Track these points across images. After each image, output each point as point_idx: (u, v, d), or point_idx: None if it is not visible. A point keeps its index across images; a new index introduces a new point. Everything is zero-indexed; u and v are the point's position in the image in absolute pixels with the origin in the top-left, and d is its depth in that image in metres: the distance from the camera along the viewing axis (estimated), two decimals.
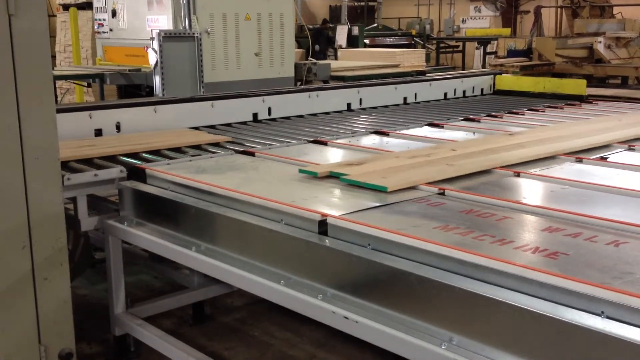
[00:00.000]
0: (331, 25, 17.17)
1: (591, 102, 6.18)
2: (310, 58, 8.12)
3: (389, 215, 2.58)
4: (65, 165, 3.37)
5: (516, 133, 4.27)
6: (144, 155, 3.77)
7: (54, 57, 10.62)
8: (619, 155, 3.70)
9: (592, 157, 3.61)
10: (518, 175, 3.22)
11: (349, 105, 5.78)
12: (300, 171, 3.22)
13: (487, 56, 16.64)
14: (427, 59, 14.92)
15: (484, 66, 16.05)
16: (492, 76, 7.13)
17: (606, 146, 3.90)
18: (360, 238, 2.35)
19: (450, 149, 3.68)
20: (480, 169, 3.25)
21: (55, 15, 11.20)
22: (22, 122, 2.70)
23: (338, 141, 4.13)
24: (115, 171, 3.37)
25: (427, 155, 3.51)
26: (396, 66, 9.85)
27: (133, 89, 7.21)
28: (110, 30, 7.78)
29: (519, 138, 4.04)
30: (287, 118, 5.26)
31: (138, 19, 7.29)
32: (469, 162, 3.36)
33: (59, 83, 9.94)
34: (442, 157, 3.47)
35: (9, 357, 2.74)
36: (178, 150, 3.93)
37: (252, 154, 3.75)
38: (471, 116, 5.21)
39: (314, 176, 3.14)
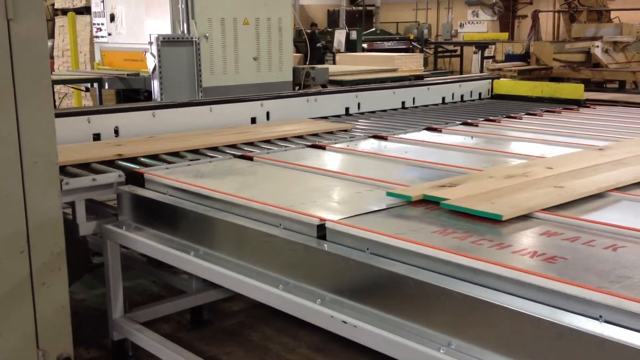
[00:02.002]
0: (319, 28, 17.15)
1: (589, 107, 6.19)
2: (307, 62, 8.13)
3: (387, 220, 2.58)
4: (63, 170, 3.37)
5: (606, 147, 3.92)
6: (142, 159, 3.77)
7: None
8: None
9: None
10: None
11: (347, 109, 5.78)
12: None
13: (485, 60, 16.71)
14: (425, 64, 14.97)
15: (481, 70, 16.11)
16: (490, 80, 7.13)
17: None
18: (358, 242, 2.35)
19: (546, 167, 3.36)
20: (596, 192, 2.91)
21: (54, 20, 11.20)
22: (21, 127, 2.70)
23: (336, 145, 4.13)
24: (114, 176, 3.36)
25: (524, 174, 3.19)
26: (394, 70, 9.88)
27: (131, 93, 7.22)
28: (109, 34, 7.79)
29: (613, 154, 3.70)
30: None
31: (136, 24, 7.30)
32: (578, 183, 3.02)
33: (57, 87, 9.93)
34: (543, 177, 3.15)
35: None
36: (176, 154, 3.93)
37: (250, 159, 3.76)
38: (469, 120, 5.21)
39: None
